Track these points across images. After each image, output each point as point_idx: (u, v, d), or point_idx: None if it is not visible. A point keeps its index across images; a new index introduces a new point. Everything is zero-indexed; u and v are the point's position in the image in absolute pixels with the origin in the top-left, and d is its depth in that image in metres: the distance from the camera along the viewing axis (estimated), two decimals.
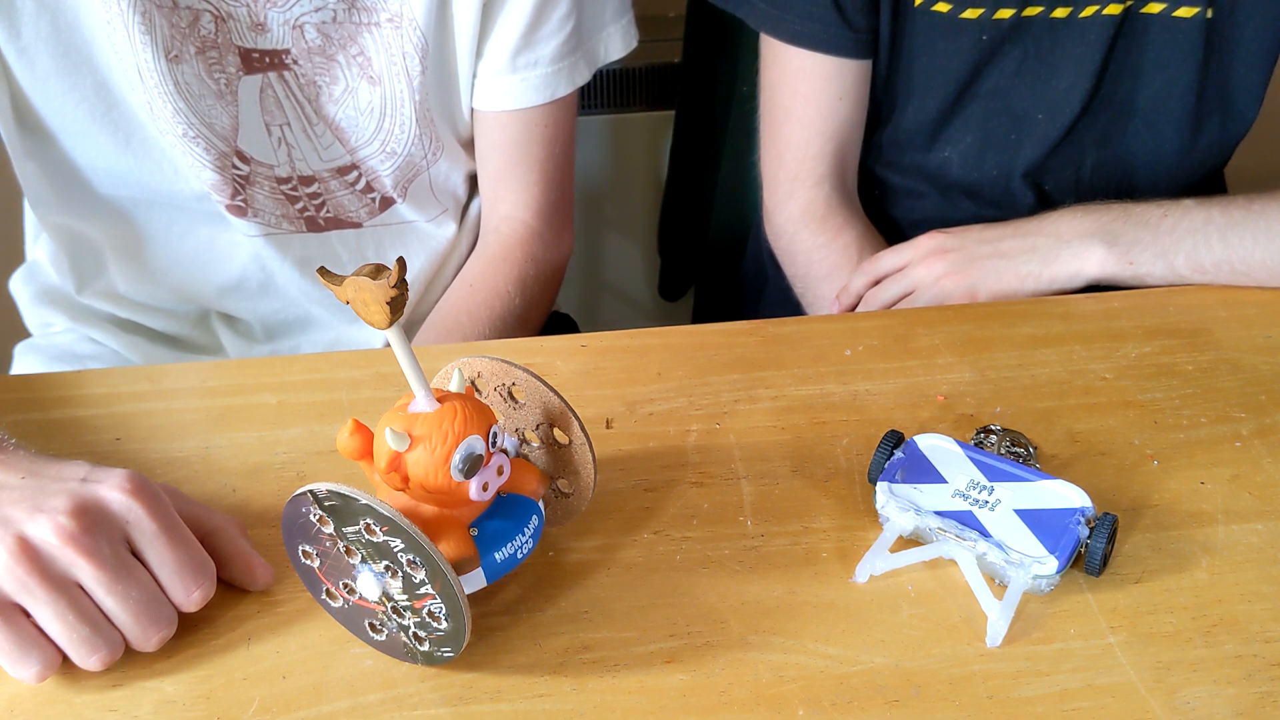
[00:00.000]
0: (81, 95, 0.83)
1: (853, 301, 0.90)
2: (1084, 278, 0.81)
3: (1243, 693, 0.54)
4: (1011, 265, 0.83)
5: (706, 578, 0.60)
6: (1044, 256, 0.82)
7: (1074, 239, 0.82)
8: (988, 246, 0.84)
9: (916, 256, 0.86)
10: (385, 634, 0.55)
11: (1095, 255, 0.81)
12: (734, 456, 0.67)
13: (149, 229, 0.92)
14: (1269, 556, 0.60)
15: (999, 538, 0.59)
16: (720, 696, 0.54)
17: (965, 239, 0.85)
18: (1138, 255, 0.80)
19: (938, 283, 0.84)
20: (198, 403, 0.71)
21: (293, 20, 0.83)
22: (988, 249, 0.84)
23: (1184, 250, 0.79)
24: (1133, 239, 0.80)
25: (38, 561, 0.52)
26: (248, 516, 0.63)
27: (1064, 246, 0.82)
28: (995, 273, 0.83)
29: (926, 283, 0.85)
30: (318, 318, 0.99)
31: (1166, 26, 0.88)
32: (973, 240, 0.85)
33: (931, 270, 0.85)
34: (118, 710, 0.54)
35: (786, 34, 0.91)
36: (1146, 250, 0.80)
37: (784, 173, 0.96)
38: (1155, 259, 0.80)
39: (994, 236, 0.85)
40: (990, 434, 0.68)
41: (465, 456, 0.52)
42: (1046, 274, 0.82)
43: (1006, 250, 0.83)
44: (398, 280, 0.47)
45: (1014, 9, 0.87)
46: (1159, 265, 0.80)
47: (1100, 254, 0.81)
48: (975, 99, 0.93)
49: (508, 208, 0.95)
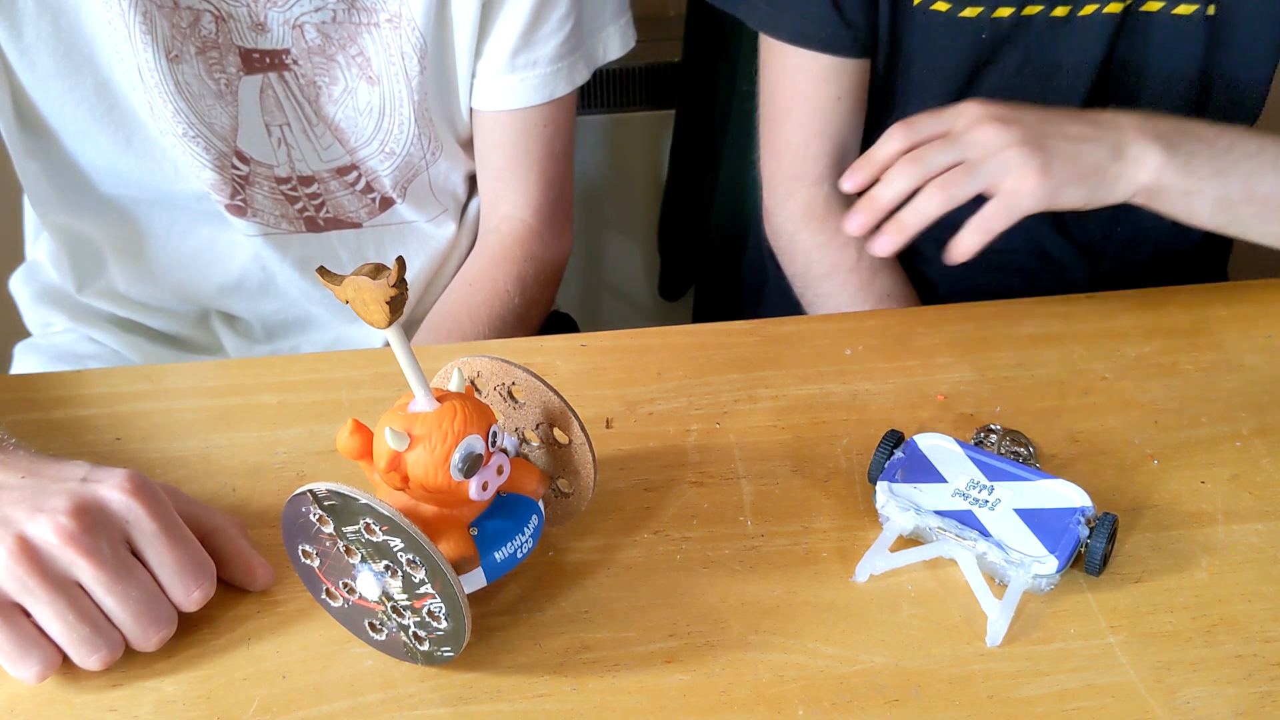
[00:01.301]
0: (82, 95, 0.84)
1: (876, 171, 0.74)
2: (1139, 184, 0.73)
3: (1243, 693, 0.54)
4: (1082, 151, 0.72)
5: (706, 578, 0.60)
6: (1110, 149, 0.73)
7: (1136, 139, 0.73)
8: (1052, 126, 0.73)
9: (965, 122, 0.73)
10: (385, 634, 0.55)
11: (1154, 159, 0.73)
12: (734, 456, 0.67)
13: (149, 228, 0.92)
14: (1269, 556, 0.60)
15: (999, 537, 0.59)
16: (720, 696, 0.54)
17: (1021, 114, 0.74)
18: (1197, 168, 0.73)
19: (1003, 152, 0.71)
20: (198, 403, 0.71)
21: (293, 20, 0.83)
22: (1053, 128, 0.73)
23: (1239, 174, 0.73)
24: (1191, 150, 0.73)
25: (38, 561, 0.52)
26: (248, 516, 0.63)
27: (1128, 144, 0.73)
28: (1067, 156, 0.72)
29: (988, 149, 0.71)
30: (318, 318, 0.99)
31: (1167, 24, 0.88)
32: (1032, 117, 0.73)
33: (996, 137, 0.71)
34: (118, 710, 0.54)
35: (785, 33, 0.91)
36: (1205, 165, 0.73)
37: (783, 172, 0.96)
38: (1212, 176, 0.73)
39: (1054, 118, 0.74)
40: (990, 434, 0.68)
41: (465, 456, 0.52)
42: (1113, 169, 0.72)
43: (1073, 134, 0.73)
44: (397, 280, 0.47)
45: (1013, 8, 0.87)
46: (1214, 184, 0.73)
47: (1159, 159, 0.73)
48: (975, 98, 0.93)
49: (507, 207, 0.95)
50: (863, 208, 0.73)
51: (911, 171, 0.72)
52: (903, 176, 0.72)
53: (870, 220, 0.73)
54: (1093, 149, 0.73)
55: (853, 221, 0.74)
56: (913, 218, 0.72)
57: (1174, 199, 0.74)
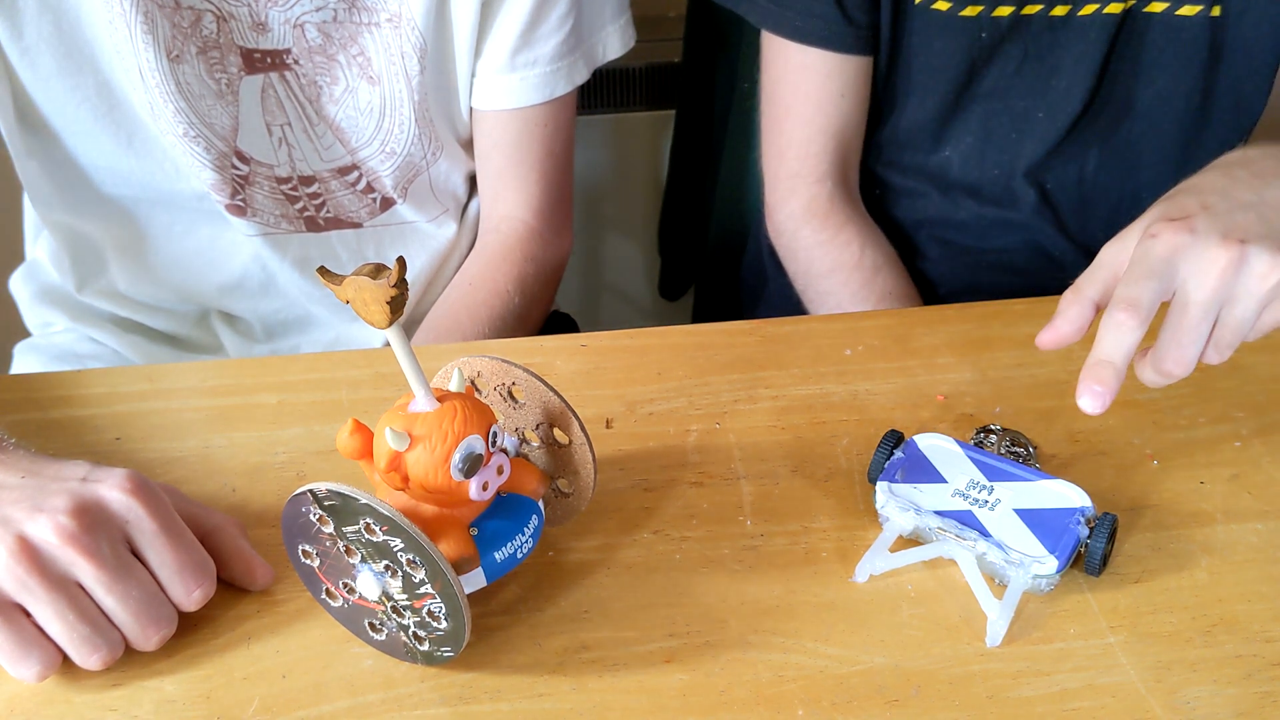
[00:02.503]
0: (84, 95, 0.84)
1: (1086, 314, 0.60)
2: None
3: (1243, 693, 0.54)
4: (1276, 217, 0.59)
5: (706, 577, 0.60)
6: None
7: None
8: (1249, 214, 0.59)
9: (1170, 246, 0.58)
10: (385, 634, 0.55)
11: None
12: (734, 456, 0.67)
13: (150, 228, 0.93)
14: (1269, 556, 0.60)
15: (999, 537, 0.59)
16: (720, 696, 0.54)
17: (1207, 200, 0.60)
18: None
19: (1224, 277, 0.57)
20: (198, 403, 0.71)
21: (294, 20, 0.83)
22: (1252, 216, 0.59)
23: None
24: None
25: (38, 561, 0.52)
26: (248, 516, 0.63)
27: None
28: (1270, 235, 0.58)
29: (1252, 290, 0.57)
30: (318, 317, 0.99)
31: (1169, 25, 0.88)
32: (1220, 206, 0.59)
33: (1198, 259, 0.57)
34: (118, 710, 0.54)
35: (788, 30, 0.91)
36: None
37: (785, 170, 0.96)
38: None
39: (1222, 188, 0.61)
40: (990, 434, 0.68)
41: (465, 456, 0.52)
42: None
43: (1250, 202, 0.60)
44: (398, 280, 0.47)
45: (1013, 7, 0.87)
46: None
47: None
48: (975, 98, 0.93)
49: (507, 207, 0.95)
50: (1101, 379, 0.57)
51: (1133, 325, 0.57)
52: (1127, 331, 0.57)
53: (1115, 388, 0.58)
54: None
55: (1094, 404, 0.57)
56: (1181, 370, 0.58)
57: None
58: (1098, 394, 0.57)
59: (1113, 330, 0.57)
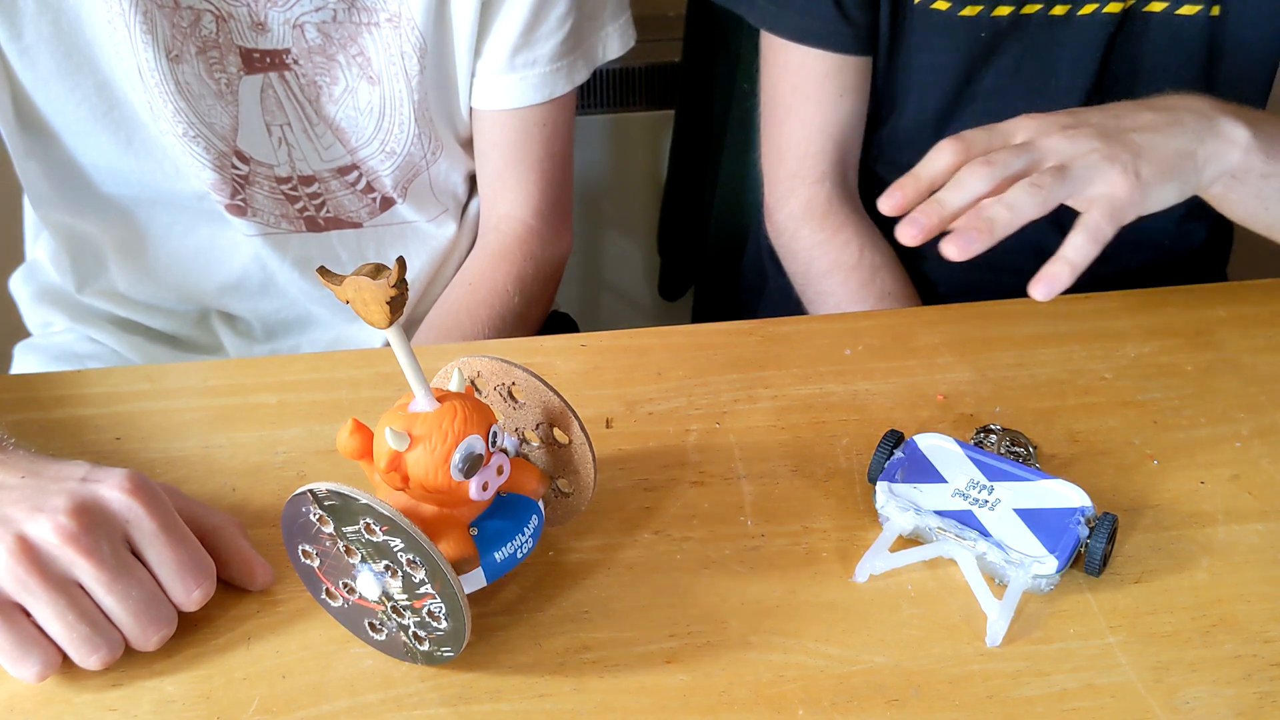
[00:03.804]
0: (83, 95, 0.84)
1: (925, 188, 0.66)
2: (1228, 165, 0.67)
3: (1242, 693, 0.54)
4: (1163, 141, 0.65)
5: (707, 578, 0.60)
6: (1193, 131, 0.66)
7: (1217, 116, 0.67)
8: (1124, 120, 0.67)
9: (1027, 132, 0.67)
10: (385, 634, 0.55)
11: (1242, 137, 0.66)
12: (734, 456, 0.67)
13: (150, 228, 0.93)
14: (1269, 556, 0.60)
15: (999, 537, 0.59)
16: (720, 696, 0.54)
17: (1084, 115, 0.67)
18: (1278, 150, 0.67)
19: (1085, 156, 0.64)
20: (198, 402, 0.71)
21: (293, 20, 0.83)
22: (1125, 122, 0.66)
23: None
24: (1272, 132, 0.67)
25: (37, 561, 0.52)
26: (248, 516, 0.63)
27: (1210, 123, 0.67)
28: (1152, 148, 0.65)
29: (1067, 154, 0.64)
30: (318, 317, 0.99)
31: (1168, 25, 0.88)
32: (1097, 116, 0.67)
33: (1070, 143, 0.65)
34: (118, 710, 0.54)
35: (787, 30, 0.91)
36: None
37: (785, 170, 0.96)
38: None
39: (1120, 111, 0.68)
40: (990, 434, 0.68)
41: (465, 456, 0.52)
42: (1201, 152, 0.66)
43: (1146, 124, 0.66)
44: (397, 280, 0.47)
45: (1012, 6, 0.87)
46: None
47: (1246, 137, 0.66)
48: (974, 98, 0.93)
49: (506, 206, 0.95)
50: (926, 212, 0.64)
51: (986, 174, 0.64)
52: (976, 179, 0.64)
53: (933, 227, 0.64)
54: (1175, 134, 0.66)
55: (909, 231, 0.64)
56: (1007, 215, 0.62)
57: (1253, 184, 0.68)
58: (918, 224, 0.64)
59: (958, 178, 0.64)
